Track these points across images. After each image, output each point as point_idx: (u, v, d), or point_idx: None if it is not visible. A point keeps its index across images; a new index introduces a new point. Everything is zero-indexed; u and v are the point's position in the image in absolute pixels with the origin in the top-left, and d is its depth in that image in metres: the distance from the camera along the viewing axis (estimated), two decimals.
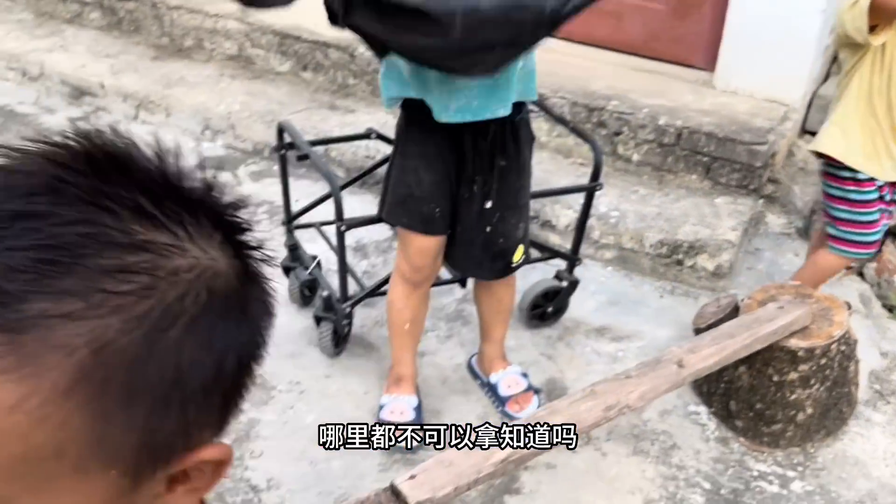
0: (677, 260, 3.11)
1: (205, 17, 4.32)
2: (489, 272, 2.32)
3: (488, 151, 2.10)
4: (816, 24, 3.48)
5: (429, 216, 2.17)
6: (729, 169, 3.35)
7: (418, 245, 2.23)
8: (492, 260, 2.27)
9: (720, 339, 2.20)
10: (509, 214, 2.21)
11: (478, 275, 2.38)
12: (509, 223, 2.22)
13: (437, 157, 2.11)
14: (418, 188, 2.14)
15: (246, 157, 3.83)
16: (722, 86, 3.73)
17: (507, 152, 2.13)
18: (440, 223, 2.20)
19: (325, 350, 2.64)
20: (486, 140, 2.09)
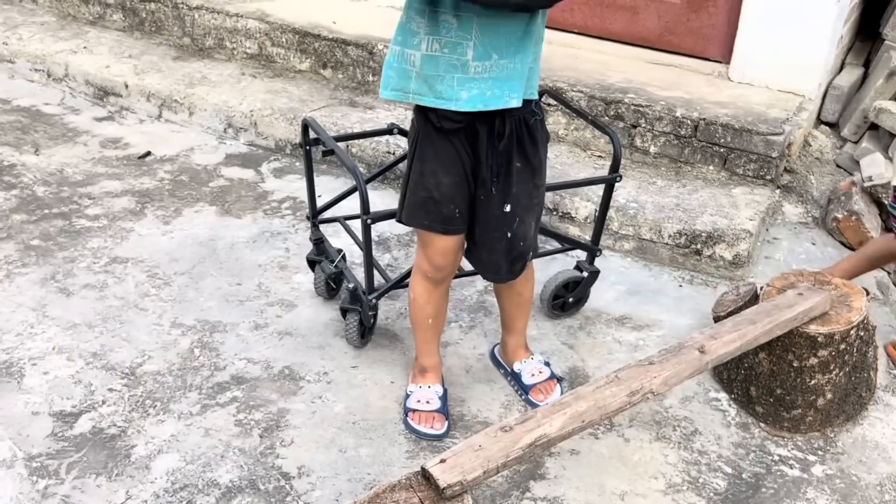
0: (696, 250, 3.15)
1: (225, 17, 4.38)
2: (508, 274, 2.35)
3: (505, 152, 2.14)
4: (831, 14, 3.51)
5: (448, 216, 2.21)
6: (745, 160, 3.39)
7: (439, 245, 2.28)
8: (511, 263, 2.31)
9: (741, 326, 2.24)
10: (527, 216, 2.25)
11: (497, 279, 2.40)
12: (527, 224, 2.27)
13: (455, 159, 2.15)
14: (437, 191, 2.17)
15: (269, 154, 3.89)
16: (738, 77, 3.77)
17: (525, 153, 2.17)
18: (459, 222, 2.24)
19: (352, 341, 2.70)
20: (503, 141, 2.12)
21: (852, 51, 4.21)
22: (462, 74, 2.01)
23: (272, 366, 2.64)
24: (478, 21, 1.97)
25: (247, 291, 2.97)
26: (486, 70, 2.01)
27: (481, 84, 2.02)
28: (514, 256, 2.30)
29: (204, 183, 3.63)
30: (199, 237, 3.25)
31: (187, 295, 2.93)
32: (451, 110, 2.06)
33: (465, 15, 1.95)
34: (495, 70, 2.02)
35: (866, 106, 3.64)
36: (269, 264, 3.11)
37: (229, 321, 2.82)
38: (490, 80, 2.02)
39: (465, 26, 1.96)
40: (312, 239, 2.86)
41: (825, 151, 3.74)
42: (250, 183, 3.65)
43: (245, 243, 3.23)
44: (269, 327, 2.81)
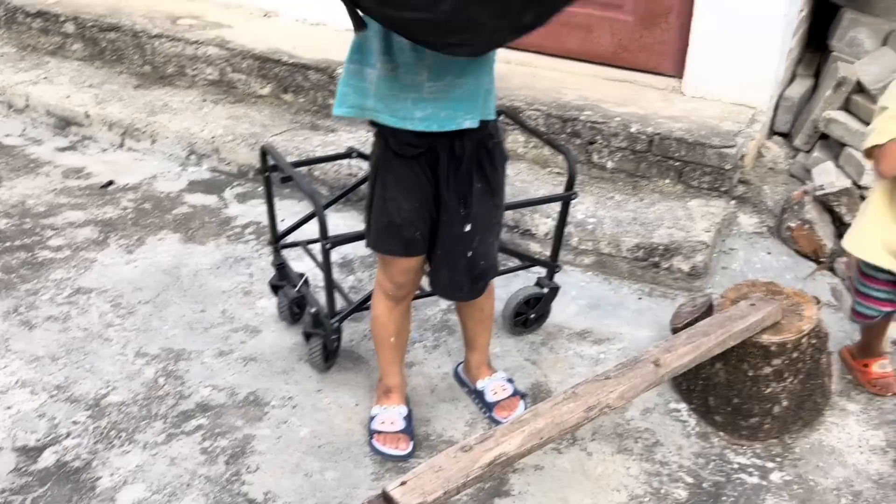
0: (654, 263, 3.21)
1: (186, 45, 4.41)
2: (470, 293, 2.40)
3: (466, 174, 2.18)
4: (779, 28, 3.60)
5: (410, 240, 2.25)
6: (700, 172, 3.46)
7: (400, 265, 2.32)
8: (473, 281, 2.35)
9: (695, 338, 2.29)
10: (487, 236, 2.30)
11: (459, 298, 2.45)
12: (487, 243, 2.31)
13: (415, 184, 2.18)
14: (398, 216, 2.21)
15: (231, 179, 3.91)
16: (691, 92, 3.84)
17: (484, 174, 2.21)
18: (421, 244, 2.28)
19: (316, 365, 2.72)
20: (463, 163, 2.16)
21: (803, 62, 4.30)
22: (417, 95, 2.05)
23: (237, 392, 2.66)
24: None
25: (211, 318, 2.98)
26: (441, 91, 2.06)
27: (436, 105, 2.06)
28: (476, 275, 2.34)
29: (167, 210, 3.64)
30: (162, 265, 3.26)
31: (151, 324, 2.94)
32: (410, 133, 2.09)
33: None
34: (450, 91, 2.06)
35: (816, 116, 3.73)
36: (233, 290, 3.13)
37: (194, 349, 2.83)
38: (444, 101, 2.06)
39: (419, 48, 2.01)
40: (274, 264, 2.88)
41: (778, 162, 3.82)
42: (213, 209, 3.66)
43: (209, 270, 3.24)
44: (234, 353, 2.82)
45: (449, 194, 2.20)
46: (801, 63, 4.28)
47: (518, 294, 2.93)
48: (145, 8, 4.78)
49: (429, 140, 2.12)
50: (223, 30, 4.54)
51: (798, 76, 4.19)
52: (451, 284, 2.37)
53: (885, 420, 2.65)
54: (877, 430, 2.60)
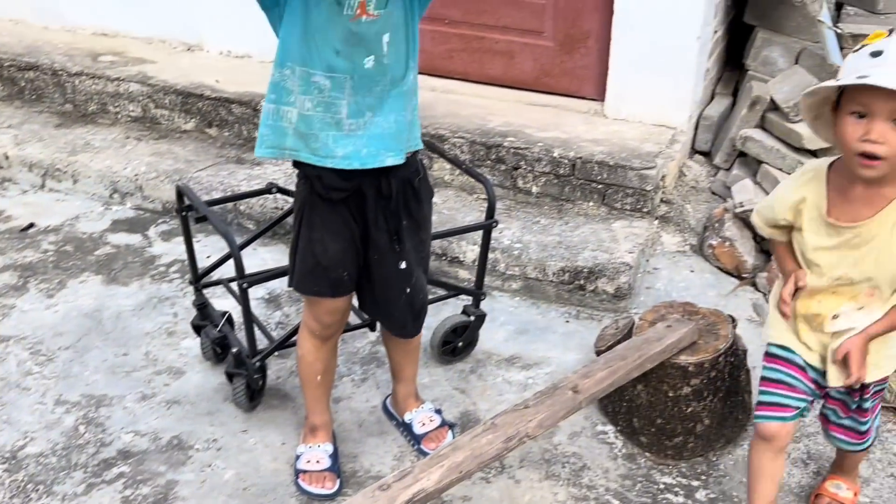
0: (579, 285, 3.24)
1: (107, 82, 4.35)
2: (413, 329, 2.42)
3: (395, 213, 2.18)
4: (694, 49, 3.68)
5: (337, 281, 2.24)
6: (623, 194, 3.50)
7: (326, 305, 2.31)
8: (414, 318, 2.37)
9: (612, 362, 2.31)
10: (418, 270, 2.31)
11: (404, 334, 2.45)
12: (421, 278, 2.33)
13: (342, 226, 2.17)
14: (324, 257, 2.19)
15: (156, 217, 3.86)
16: (612, 114, 3.90)
17: (410, 210, 2.22)
18: (348, 284, 2.27)
19: (241, 405, 2.69)
20: (391, 202, 2.16)
21: (721, 81, 4.40)
22: (337, 132, 2.05)
23: (160, 436, 2.61)
24: (351, 81, 2.01)
25: (134, 361, 2.93)
26: (361, 127, 2.06)
27: (357, 141, 2.06)
28: (416, 311, 2.36)
29: (89, 252, 3.57)
30: (84, 309, 3.20)
31: (72, 370, 2.88)
32: (335, 176, 2.09)
33: (337, 76, 2.00)
34: (370, 127, 2.06)
35: (734, 134, 3.81)
36: (157, 331, 3.08)
37: (116, 394, 2.78)
38: (365, 138, 2.06)
39: (338, 86, 2.01)
40: (196, 304, 2.85)
41: (700, 180, 3.89)
42: (137, 248, 3.61)
43: (132, 311, 3.19)
44: (157, 397, 2.77)
45: (379, 234, 2.19)
46: (719, 82, 4.38)
47: (445, 323, 2.93)
48: (65, 45, 4.72)
49: (355, 182, 2.12)
50: (146, 65, 4.50)
51: (717, 95, 4.28)
52: (396, 322, 2.39)
53: (804, 433, 2.69)
54: (797, 443, 2.65)
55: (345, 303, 2.33)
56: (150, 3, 4.69)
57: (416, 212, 2.23)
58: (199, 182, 3.80)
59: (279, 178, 3.80)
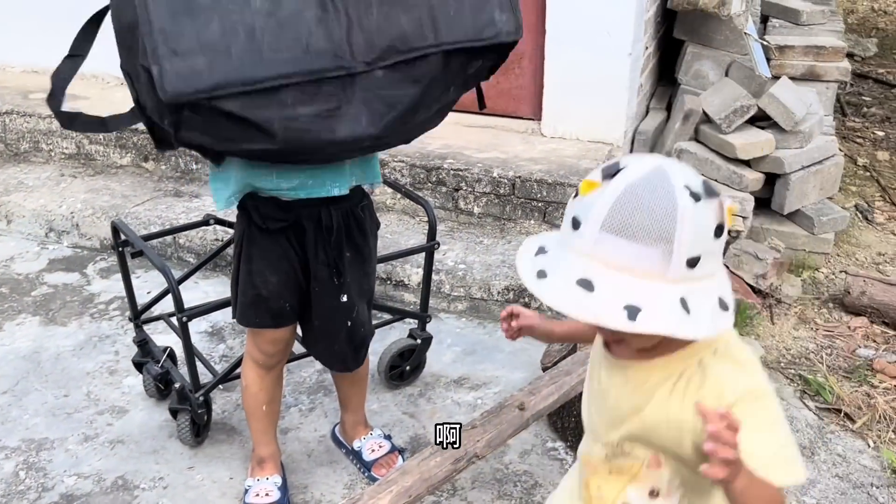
0: (524, 303, 3.25)
1: (39, 120, 4.28)
2: (354, 363, 2.38)
3: (336, 245, 2.16)
4: (626, 66, 3.74)
5: (279, 311, 2.21)
6: (563, 211, 3.52)
7: (270, 337, 2.28)
8: (355, 351, 2.34)
9: (557, 378, 2.32)
10: (361, 303, 2.28)
11: (344, 368, 2.41)
12: (363, 312, 2.30)
13: (282, 257, 2.15)
14: (265, 289, 2.17)
15: (94, 254, 3.79)
16: (550, 133, 3.95)
17: (354, 243, 2.19)
18: (290, 315, 2.25)
19: (186, 441, 2.64)
20: (332, 234, 2.13)
21: (655, 96, 4.48)
22: (278, 169, 2.03)
23: (104, 478, 2.55)
24: None
25: (75, 402, 2.86)
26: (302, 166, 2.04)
27: (301, 174, 2.04)
28: (357, 344, 2.34)
29: (26, 293, 3.50)
30: (21, 351, 3.12)
31: (10, 414, 2.80)
32: (274, 206, 2.07)
33: None
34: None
35: (669, 148, 3.88)
36: (98, 371, 3.02)
37: (57, 436, 2.71)
38: (309, 170, 2.04)
39: None
40: (136, 341, 2.80)
41: None
42: (75, 287, 3.54)
43: (71, 351, 3.12)
44: (100, 437, 2.71)
45: (319, 266, 2.17)
46: (653, 97, 4.46)
47: (391, 347, 2.92)
48: None
49: (294, 213, 2.10)
50: (78, 101, 4.42)
51: (651, 110, 4.36)
52: (335, 356, 2.35)
53: None
54: None
55: (287, 333, 2.30)
56: None
57: (361, 244, 2.21)
58: (137, 217, 3.74)
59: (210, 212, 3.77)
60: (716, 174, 3.66)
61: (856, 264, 3.87)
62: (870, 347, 3.24)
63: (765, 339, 3.28)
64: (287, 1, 1.67)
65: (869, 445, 2.74)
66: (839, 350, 3.23)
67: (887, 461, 2.65)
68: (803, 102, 3.74)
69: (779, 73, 4.04)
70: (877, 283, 3.40)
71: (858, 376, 3.05)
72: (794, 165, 3.66)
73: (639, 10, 3.73)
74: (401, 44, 1.75)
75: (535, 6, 3.76)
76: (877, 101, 6.01)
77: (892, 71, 6.59)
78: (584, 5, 3.67)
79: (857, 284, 3.41)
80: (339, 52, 1.71)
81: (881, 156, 5.06)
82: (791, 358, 3.17)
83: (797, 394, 2.97)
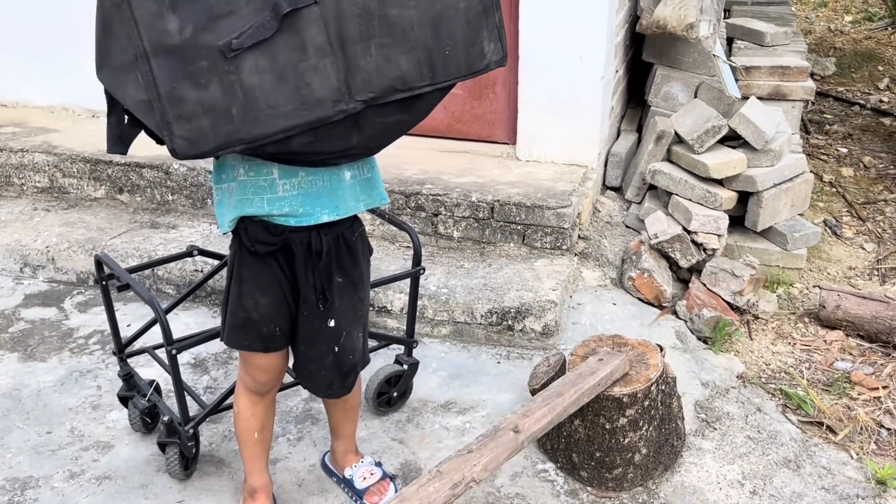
0: (508, 326, 3.28)
1: (10, 154, 4.24)
2: (341, 389, 2.36)
3: (324, 270, 2.16)
4: (597, 89, 3.80)
5: (269, 335, 2.21)
6: (541, 233, 3.57)
7: (259, 362, 2.27)
8: (343, 377, 2.32)
9: (550, 399, 2.34)
10: (353, 329, 2.28)
11: (330, 394, 2.38)
12: (354, 337, 2.29)
13: (272, 280, 2.15)
14: (255, 311, 2.17)
15: (71, 288, 3.75)
16: (525, 156, 3.99)
17: (345, 269, 2.20)
18: (280, 340, 2.24)
19: (175, 475, 2.61)
20: (322, 258, 2.14)
21: (626, 118, 4.55)
22: (271, 195, 2.03)
23: None
24: None
25: (58, 439, 2.82)
26: (295, 187, 2.05)
27: (292, 202, 2.04)
28: (346, 371, 2.32)
29: (3, 329, 3.45)
30: (1, 389, 3.07)
31: None
32: (262, 230, 2.07)
33: None
34: (304, 186, 2.05)
35: (643, 169, 3.94)
36: (81, 406, 2.98)
37: (42, 474, 2.67)
38: (300, 197, 2.05)
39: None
40: (121, 375, 2.77)
41: (613, 215, 4.00)
42: (53, 322, 3.50)
43: (52, 387, 3.08)
44: (86, 474, 2.68)
45: (307, 290, 2.17)
46: (624, 119, 4.52)
47: (378, 374, 2.92)
48: None
49: (283, 237, 2.10)
50: (49, 135, 4.40)
51: (623, 132, 4.42)
52: (321, 382, 2.33)
53: (738, 454, 2.77)
54: (732, 465, 2.72)
55: (279, 358, 2.30)
56: (51, 72, 4.61)
57: (352, 269, 2.22)
58: (114, 249, 3.71)
59: (196, 239, 3.76)
60: (690, 193, 3.72)
61: (828, 279, 3.95)
62: (847, 360, 3.30)
63: (744, 354, 3.33)
64: (281, 53, 1.70)
65: (852, 457, 2.79)
66: (817, 364, 3.29)
67: (871, 472, 2.70)
68: (772, 121, 3.82)
69: (746, 94, 4.13)
70: (850, 297, 3.47)
71: (838, 389, 3.10)
72: (766, 183, 3.73)
73: (609, 34, 3.79)
74: (400, 84, 1.80)
75: (508, 31, 3.80)
76: (838, 118, 6.15)
77: (851, 89, 6.75)
78: (556, 31, 3.73)
79: (832, 299, 3.48)
80: (337, 96, 1.75)
81: (845, 172, 5.17)
82: (771, 373, 3.23)
83: (779, 408, 3.02)
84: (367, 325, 2.37)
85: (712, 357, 3.27)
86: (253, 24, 1.66)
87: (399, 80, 1.79)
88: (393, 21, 1.75)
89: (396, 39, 1.77)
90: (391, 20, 1.75)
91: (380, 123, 1.85)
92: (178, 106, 1.66)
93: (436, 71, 1.82)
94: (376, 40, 1.74)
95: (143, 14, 1.61)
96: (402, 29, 1.77)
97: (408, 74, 1.79)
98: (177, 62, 1.64)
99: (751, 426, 2.90)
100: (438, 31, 1.80)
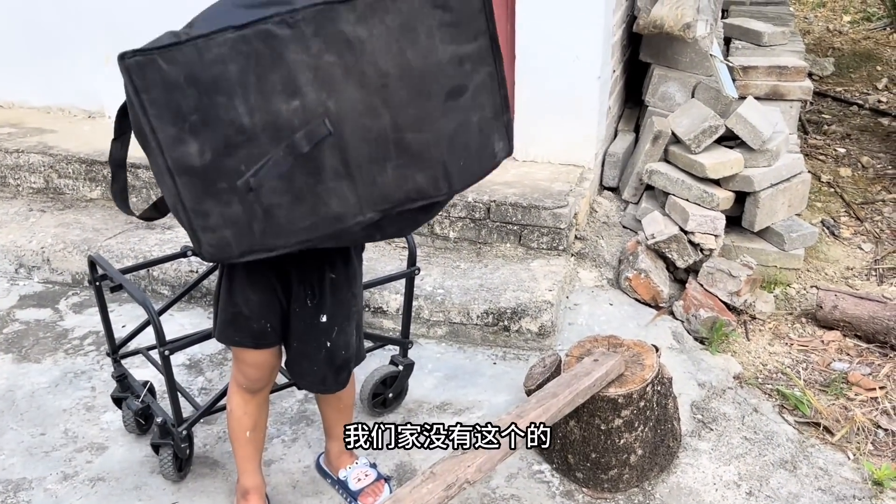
0: (504, 326, 3.26)
1: (5, 154, 4.23)
2: (335, 385, 2.36)
3: (315, 266, 2.16)
4: (595, 90, 3.78)
5: (259, 332, 2.21)
6: (538, 234, 3.56)
7: (251, 359, 2.27)
8: (336, 373, 2.32)
9: (544, 400, 2.33)
10: (346, 325, 2.27)
11: (324, 390, 2.39)
12: (347, 333, 2.29)
13: (262, 276, 2.15)
14: (246, 307, 2.17)
15: (66, 289, 3.74)
16: (521, 156, 3.98)
17: (335, 264, 2.20)
18: (272, 336, 2.24)
19: (169, 476, 2.60)
20: (312, 254, 2.12)
21: (623, 118, 4.54)
22: None
23: None
24: None
25: (52, 441, 2.81)
26: None
27: None
28: (339, 366, 2.31)
29: None
30: None
31: None
32: None
33: None
34: None
35: (640, 169, 3.93)
36: (75, 407, 2.97)
37: (35, 476, 2.66)
38: None
39: None
40: (115, 376, 2.76)
41: (610, 215, 3.99)
42: (48, 323, 3.49)
43: (46, 389, 3.07)
44: (80, 475, 2.67)
45: (297, 285, 2.17)
46: (621, 119, 4.51)
47: (374, 375, 2.90)
48: None
49: None
50: (45, 135, 4.39)
51: (620, 132, 4.41)
52: (313, 377, 2.33)
53: (734, 455, 2.75)
54: (728, 466, 2.71)
55: (271, 357, 2.29)
56: (47, 73, 4.60)
57: (343, 265, 2.21)
58: (109, 250, 3.70)
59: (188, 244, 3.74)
60: (687, 194, 3.71)
61: (825, 279, 3.93)
62: (844, 361, 3.29)
63: (741, 355, 3.32)
64: (298, 177, 1.70)
65: (849, 458, 2.78)
66: (814, 364, 3.27)
67: (868, 472, 2.69)
68: (769, 121, 3.81)
69: (744, 93, 4.12)
70: (848, 298, 3.46)
71: (834, 389, 3.09)
72: (763, 183, 3.72)
73: (606, 34, 3.78)
74: (416, 195, 1.80)
75: (504, 32, 3.80)
76: (836, 118, 6.14)
77: (849, 89, 6.74)
78: (553, 31, 3.71)
79: (829, 299, 3.47)
80: (354, 211, 1.76)
81: (843, 172, 5.16)
82: (768, 373, 3.22)
83: (776, 409, 3.01)
84: (360, 321, 2.36)
85: (709, 357, 3.26)
86: (270, 158, 1.67)
87: (415, 192, 1.79)
88: (408, 144, 1.74)
89: (412, 160, 1.76)
90: (406, 143, 1.74)
91: (399, 223, 1.88)
92: (203, 219, 1.71)
93: (452, 181, 1.82)
94: (392, 162, 1.74)
95: (165, 137, 1.65)
96: (417, 150, 1.76)
97: (424, 187, 1.79)
98: (199, 182, 1.68)
99: (747, 427, 2.89)
100: (454, 146, 1.80)
